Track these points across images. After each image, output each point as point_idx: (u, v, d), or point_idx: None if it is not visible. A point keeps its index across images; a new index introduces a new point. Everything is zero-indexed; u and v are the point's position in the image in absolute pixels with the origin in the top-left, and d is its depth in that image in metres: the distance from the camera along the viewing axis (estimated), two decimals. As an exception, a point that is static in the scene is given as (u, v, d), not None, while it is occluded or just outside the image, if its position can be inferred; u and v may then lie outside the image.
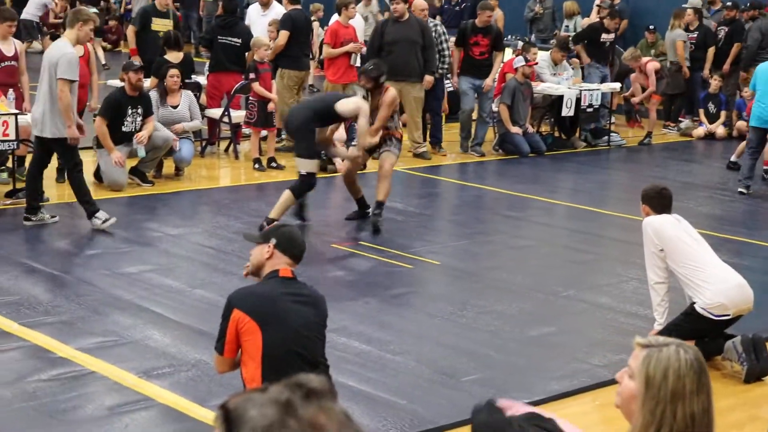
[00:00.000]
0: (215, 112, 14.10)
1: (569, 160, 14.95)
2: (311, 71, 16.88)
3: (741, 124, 16.04)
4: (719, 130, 16.86)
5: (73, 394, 6.54)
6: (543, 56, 15.98)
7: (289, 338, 5.20)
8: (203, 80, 14.43)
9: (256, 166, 13.28)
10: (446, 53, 14.72)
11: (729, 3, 17.88)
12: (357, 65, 14.57)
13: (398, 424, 6.28)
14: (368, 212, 10.97)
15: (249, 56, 13.90)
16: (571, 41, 17.00)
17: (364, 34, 16.31)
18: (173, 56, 13.45)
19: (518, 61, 14.97)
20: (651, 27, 18.38)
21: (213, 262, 9.39)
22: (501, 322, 8.12)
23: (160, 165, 12.61)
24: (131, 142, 11.87)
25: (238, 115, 13.93)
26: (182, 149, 12.47)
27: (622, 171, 14.81)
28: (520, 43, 16.93)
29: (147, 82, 12.77)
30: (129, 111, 11.86)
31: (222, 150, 14.36)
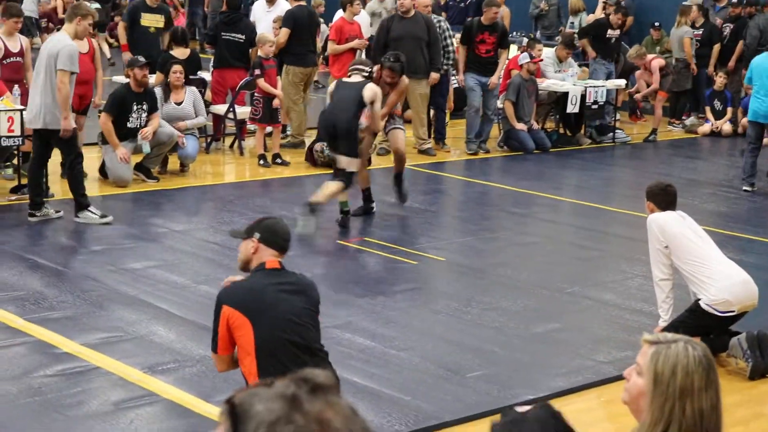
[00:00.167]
0: (220, 109, 14.10)
1: (574, 157, 14.93)
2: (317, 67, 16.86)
3: (747, 122, 15.99)
4: (725, 127, 16.82)
5: (78, 390, 6.56)
6: (548, 53, 15.96)
7: (281, 328, 5.18)
8: (208, 76, 14.42)
9: (261, 163, 13.28)
10: (450, 49, 14.68)
11: (734, 0, 17.85)
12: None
13: (403, 420, 6.28)
14: (373, 207, 10.98)
15: (253, 52, 13.89)
16: (576, 36, 16.98)
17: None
18: (180, 52, 13.45)
19: (523, 58, 14.94)
20: (656, 24, 18.37)
21: (218, 258, 9.39)
22: (506, 319, 8.11)
23: (165, 161, 12.62)
24: (136, 138, 11.89)
25: (243, 112, 13.92)
26: (187, 145, 12.48)
27: (627, 168, 14.79)
28: (525, 40, 16.89)
29: (152, 78, 12.77)
30: (134, 107, 11.87)
31: (227, 146, 14.36)
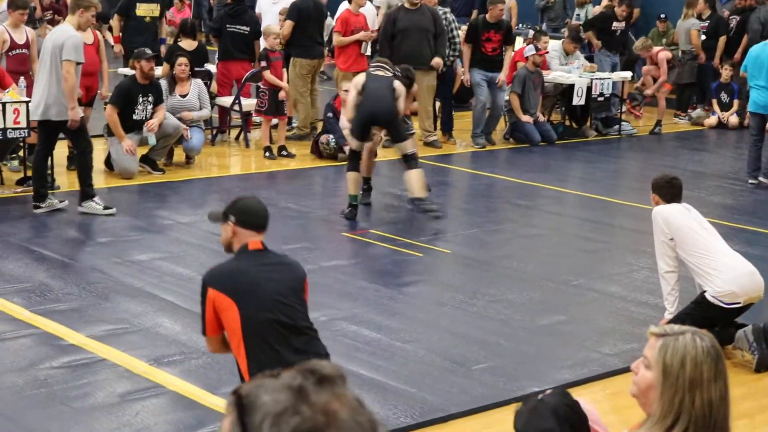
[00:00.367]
0: (226, 101, 14.09)
1: (580, 149, 14.92)
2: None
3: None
4: (732, 119, 16.78)
5: (84, 381, 6.57)
6: (554, 45, 15.93)
7: (267, 308, 5.14)
8: (214, 68, 14.41)
9: (267, 155, 13.28)
10: (457, 41, 14.65)
11: (741, -8, 17.80)
12: (367, 54, 14.53)
13: (408, 412, 6.29)
14: (370, 198, 11.08)
15: (257, 44, 13.89)
16: (582, 28, 16.94)
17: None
18: (187, 44, 13.44)
19: (529, 50, 14.91)
20: (662, 16, 18.32)
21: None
22: (511, 311, 8.11)
23: (171, 153, 12.63)
24: (142, 131, 11.89)
25: (249, 104, 13.92)
26: (192, 138, 12.48)
27: (633, 160, 14.77)
28: (531, 32, 16.87)
29: (159, 70, 12.75)
30: (140, 99, 11.87)
31: (232, 138, 14.37)
